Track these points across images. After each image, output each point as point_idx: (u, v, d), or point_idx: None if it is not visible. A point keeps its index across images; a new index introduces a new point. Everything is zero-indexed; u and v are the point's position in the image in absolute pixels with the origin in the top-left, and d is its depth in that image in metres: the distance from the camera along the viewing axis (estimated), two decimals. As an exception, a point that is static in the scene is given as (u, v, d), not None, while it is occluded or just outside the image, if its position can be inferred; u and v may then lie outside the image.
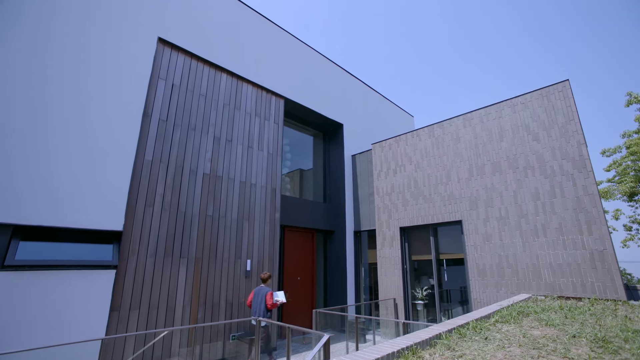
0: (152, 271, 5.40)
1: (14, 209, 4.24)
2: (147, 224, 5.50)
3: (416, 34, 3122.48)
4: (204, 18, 7.14)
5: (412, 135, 8.35)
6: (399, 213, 8.12)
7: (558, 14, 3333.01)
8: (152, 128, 5.88)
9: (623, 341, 2.88)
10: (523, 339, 2.93)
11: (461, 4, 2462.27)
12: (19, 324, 4.06)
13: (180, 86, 6.45)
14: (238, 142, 7.15)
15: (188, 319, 5.68)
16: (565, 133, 5.96)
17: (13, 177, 4.30)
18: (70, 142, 4.85)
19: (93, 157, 5.03)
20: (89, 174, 4.94)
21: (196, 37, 6.87)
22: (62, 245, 4.64)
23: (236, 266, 6.51)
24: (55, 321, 4.29)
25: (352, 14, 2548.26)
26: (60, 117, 4.82)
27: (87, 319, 4.55)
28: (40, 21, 4.91)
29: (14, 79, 4.53)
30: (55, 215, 4.53)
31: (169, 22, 6.47)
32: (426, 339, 2.58)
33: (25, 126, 4.51)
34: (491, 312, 3.95)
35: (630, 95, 11.69)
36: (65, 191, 4.67)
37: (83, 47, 5.26)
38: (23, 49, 4.68)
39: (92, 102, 5.18)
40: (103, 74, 5.39)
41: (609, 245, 5.22)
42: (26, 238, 4.41)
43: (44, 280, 4.31)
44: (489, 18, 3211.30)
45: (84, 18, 5.37)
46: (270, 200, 7.46)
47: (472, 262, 6.67)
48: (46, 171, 4.56)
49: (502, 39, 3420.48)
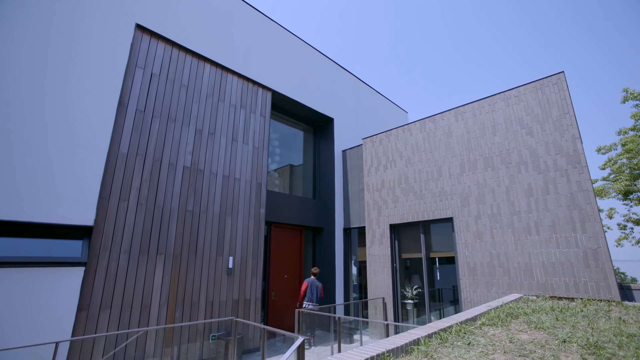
0: (126, 268, 5.13)
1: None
2: (121, 218, 5.22)
3: (415, 32, 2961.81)
4: (187, 6, 6.84)
5: (403, 129, 8.10)
6: (389, 210, 7.89)
7: (555, 9, 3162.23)
8: (128, 118, 5.59)
9: (617, 347, 2.66)
10: (509, 344, 2.70)
11: (461, 3, 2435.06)
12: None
13: (160, 76, 6.16)
14: (222, 135, 6.87)
15: (165, 319, 5.42)
16: (559, 127, 5.74)
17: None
18: (34, 130, 4.55)
19: (61, 147, 4.74)
20: (56, 165, 4.65)
21: (178, 25, 6.57)
22: (25, 241, 4.36)
23: (217, 263, 6.25)
24: (14, 322, 4.02)
25: (351, 12, 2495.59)
26: (23, 105, 4.52)
27: (51, 320, 4.27)
28: (5, 3, 4.60)
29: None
30: (16, 209, 4.24)
31: (148, 9, 6.16)
32: (402, 344, 2.34)
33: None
34: (478, 314, 3.72)
35: (627, 92, 11.50)
36: (28, 183, 4.38)
37: (54, 32, 4.95)
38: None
39: (60, 89, 4.87)
40: (73, 60, 5.08)
41: (603, 244, 5.02)
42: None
43: (2, 279, 4.03)
44: (488, 18, 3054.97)
45: (56, 1, 5.06)
46: (256, 196, 7.20)
47: (463, 260, 6.45)
48: (6, 161, 4.27)
49: (498, 35, 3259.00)
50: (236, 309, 6.35)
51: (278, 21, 8.80)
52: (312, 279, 7.19)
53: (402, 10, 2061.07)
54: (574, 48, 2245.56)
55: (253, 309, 6.63)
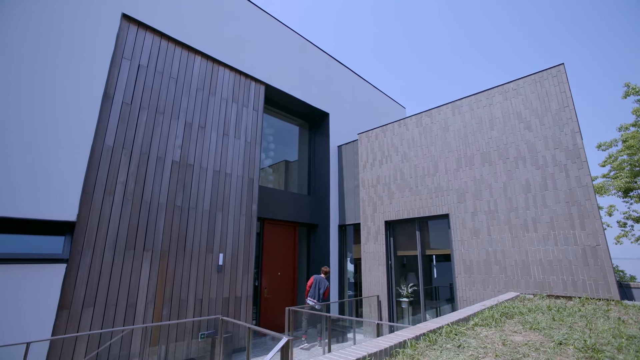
0: (111, 265, 4.97)
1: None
2: (106, 214, 5.06)
3: (415, 31, 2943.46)
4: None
5: (399, 124, 7.92)
6: (384, 206, 7.73)
7: (555, 9, 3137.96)
8: (114, 110, 5.41)
9: (616, 350, 2.51)
10: (502, 347, 2.55)
11: (461, 3, 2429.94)
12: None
13: (147, 67, 5.97)
14: (212, 129, 6.69)
15: (151, 317, 5.27)
16: (559, 121, 5.57)
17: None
18: (11, 122, 4.37)
19: (42, 139, 4.57)
20: (35, 157, 4.48)
21: (167, 15, 6.38)
22: (1, 237, 4.20)
23: (207, 260, 6.10)
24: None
25: (348, 11, 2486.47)
26: (2, 95, 4.35)
27: (30, 318, 4.12)
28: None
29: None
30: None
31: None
32: (386, 347, 2.18)
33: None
34: (471, 314, 3.57)
35: (628, 87, 11.30)
36: (5, 177, 4.21)
37: (32, 19, 4.76)
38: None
39: (39, 80, 4.69)
40: (54, 49, 4.89)
41: (602, 241, 4.86)
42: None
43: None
44: (488, 18, 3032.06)
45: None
46: (247, 191, 7.04)
47: (459, 258, 6.30)
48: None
49: (497, 34, 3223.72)
50: (226, 307, 6.21)
51: (274, 16, 8.59)
52: (320, 276, 7.15)
53: (402, 10, 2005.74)
54: (574, 47, 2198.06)
55: (244, 307, 6.49)
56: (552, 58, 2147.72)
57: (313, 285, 7.01)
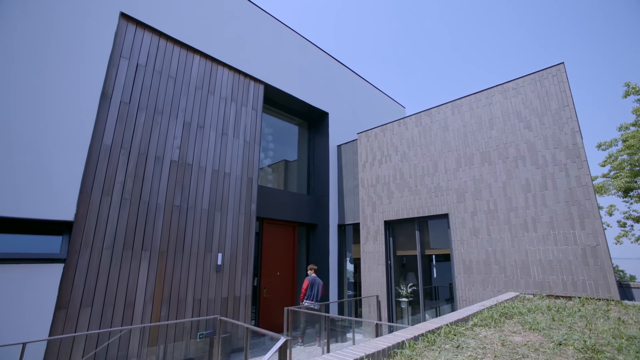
0: (109, 265, 4.95)
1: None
2: (104, 214, 5.04)
3: (415, 31, 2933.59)
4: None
5: (398, 124, 7.90)
6: (383, 206, 7.71)
7: (555, 9, 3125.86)
8: (112, 110, 5.39)
9: (616, 351, 2.49)
10: (501, 347, 2.53)
11: (461, 2, 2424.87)
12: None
13: (146, 67, 5.95)
14: (211, 129, 6.67)
15: (150, 317, 5.25)
16: (558, 120, 5.55)
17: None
18: (9, 122, 4.35)
19: (40, 139, 4.55)
20: (36, 158, 4.46)
21: (165, 15, 6.36)
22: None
23: (206, 260, 6.08)
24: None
25: (348, 11, 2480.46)
26: (2, 95, 4.33)
27: (27, 318, 4.10)
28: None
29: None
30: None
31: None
32: (384, 348, 2.17)
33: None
34: (471, 314, 3.55)
35: (628, 86, 11.28)
36: (4, 177, 4.19)
37: (31, 19, 4.74)
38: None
39: (37, 79, 4.67)
40: (53, 48, 4.87)
41: (602, 241, 4.84)
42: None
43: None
44: (488, 17, 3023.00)
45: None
46: (246, 191, 7.02)
47: (459, 257, 6.28)
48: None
49: (497, 34, 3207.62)
50: (225, 307, 6.19)
51: (273, 16, 8.57)
52: (313, 276, 7.07)
53: (402, 10, 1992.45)
54: (574, 46, 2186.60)
55: (243, 307, 6.47)
56: (552, 58, 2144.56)
57: (310, 287, 6.96)
